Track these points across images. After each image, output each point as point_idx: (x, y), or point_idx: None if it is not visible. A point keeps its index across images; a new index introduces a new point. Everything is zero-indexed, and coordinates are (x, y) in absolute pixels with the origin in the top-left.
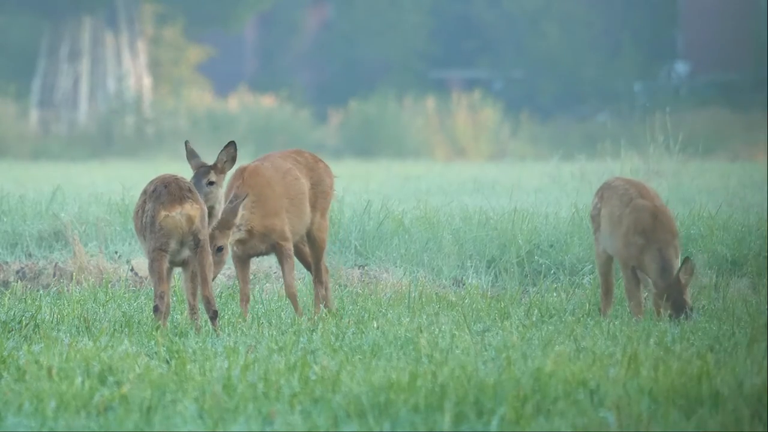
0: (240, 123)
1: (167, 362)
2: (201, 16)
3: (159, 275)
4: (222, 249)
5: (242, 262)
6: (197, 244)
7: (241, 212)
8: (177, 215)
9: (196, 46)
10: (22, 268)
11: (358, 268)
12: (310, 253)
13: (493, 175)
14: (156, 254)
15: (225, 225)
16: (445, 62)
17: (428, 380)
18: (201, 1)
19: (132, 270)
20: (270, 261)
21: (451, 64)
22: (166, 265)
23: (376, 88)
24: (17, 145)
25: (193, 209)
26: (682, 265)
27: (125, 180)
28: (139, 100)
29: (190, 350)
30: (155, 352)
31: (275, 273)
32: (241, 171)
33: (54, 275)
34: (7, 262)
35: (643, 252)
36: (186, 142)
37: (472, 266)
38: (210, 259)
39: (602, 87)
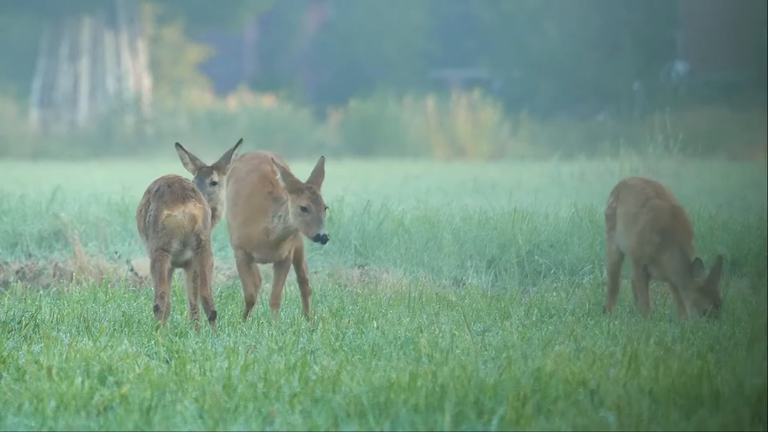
0: (240, 123)
1: (167, 362)
2: (201, 16)
3: (160, 275)
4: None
5: (249, 264)
6: (199, 245)
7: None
8: (180, 214)
9: (196, 45)
10: (22, 268)
11: (358, 268)
12: (294, 257)
13: (492, 174)
14: (158, 254)
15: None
16: (444, 62)
17: (428, 380)
18: (201, 1)
19: (132, 270)
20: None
21: (450, 64)
22: (167, 265)
23: (375, 87)
24: (17, 145)
25: (196, 209)
26: (715, 263)
27: (125, 180)
28: (139, 100)
29: (190, 350)
30: (155, 352)
31: None
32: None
33: (54, 275)
34: (7, 262)
35: (660, 251)
36: (177, 144)
37: (472, 266)
38: (211, 260)
39: (601, 86)
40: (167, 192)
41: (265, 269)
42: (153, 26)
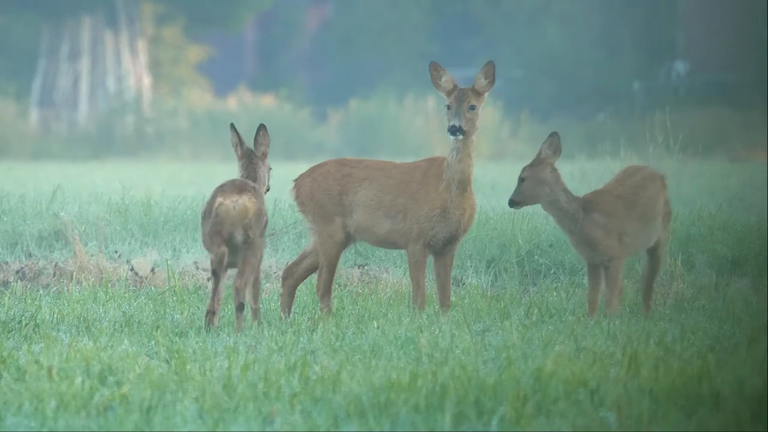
0: (240, 123)
1: (167, 362)
2: (201, 16)
3: (217, 251)
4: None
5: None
6: (246, 240)
7: None
8: (231, 203)
9: (196, 46)
10: (22, 268)
11: (358, 268)
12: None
13: (493, 174)
14: (213, 240)
15: None
16: (444, 62)
17: (428, 380)
18: (201, 1)
19: (132, 270)
20: (270, 261)
21: (450, 64)
22: (223, 247)
23: (376, 88)
24: (17, 145)
25: (249, 201)
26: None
27: (125, 180)
28: (139, 100)
29: (190, 350)
30: (155, 352)
31: (275, 273)
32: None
33: (54, 275)
34: (7, 262)
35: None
36: (232, 125)
37: (472, 266)
38: (254, 259)
39: (601, 86)
40: (228, 184)
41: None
42: (153, 26)
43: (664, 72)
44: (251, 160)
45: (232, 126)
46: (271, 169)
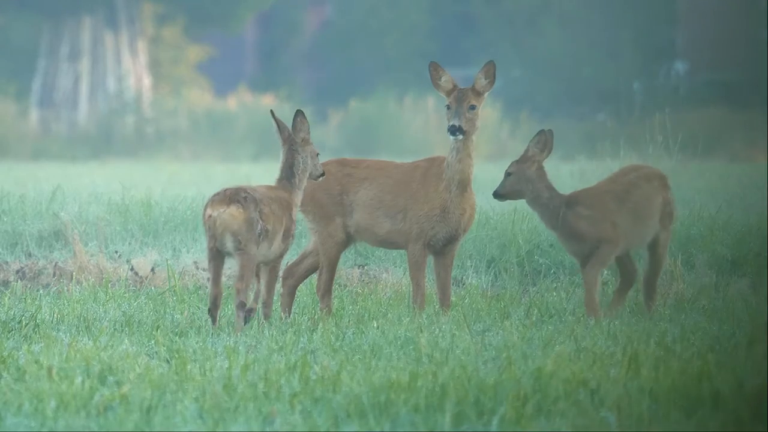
0: (240, 123)
1: (167, 362)
2: (201, 16)
3: (213, 278)
4: None
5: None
6: (237, 247)
7: None
8: (216, 214)
9: (196, 46)
10: (22, 267)
11: (358, 268)
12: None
13: (492, 174)
14: (209, 254)
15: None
16: (444, 61)
17: (428, 380)
18: (201, 1)
19: (132, 270)
20: None
21: (450, 63)
22: (217, 262)
23: (375, 87)
24: (17, 145)
25: (236, 212)
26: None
27: (125, 180)
28: (139, 100)
29: (191, 350)
30: (155, 352)
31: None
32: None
33: (54, 275)
34: (7, 262)
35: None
36: (271, 111)
37: (471, 266)
38: (252, 263)
39: (601, 86)
40: (220, 194)
41: None
42: (153, 26)
43: (664, 72)
44: (291, 146)
45: (272, 112)
46: (318, 154)
